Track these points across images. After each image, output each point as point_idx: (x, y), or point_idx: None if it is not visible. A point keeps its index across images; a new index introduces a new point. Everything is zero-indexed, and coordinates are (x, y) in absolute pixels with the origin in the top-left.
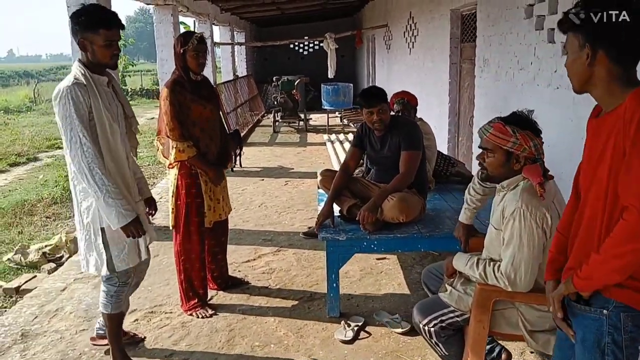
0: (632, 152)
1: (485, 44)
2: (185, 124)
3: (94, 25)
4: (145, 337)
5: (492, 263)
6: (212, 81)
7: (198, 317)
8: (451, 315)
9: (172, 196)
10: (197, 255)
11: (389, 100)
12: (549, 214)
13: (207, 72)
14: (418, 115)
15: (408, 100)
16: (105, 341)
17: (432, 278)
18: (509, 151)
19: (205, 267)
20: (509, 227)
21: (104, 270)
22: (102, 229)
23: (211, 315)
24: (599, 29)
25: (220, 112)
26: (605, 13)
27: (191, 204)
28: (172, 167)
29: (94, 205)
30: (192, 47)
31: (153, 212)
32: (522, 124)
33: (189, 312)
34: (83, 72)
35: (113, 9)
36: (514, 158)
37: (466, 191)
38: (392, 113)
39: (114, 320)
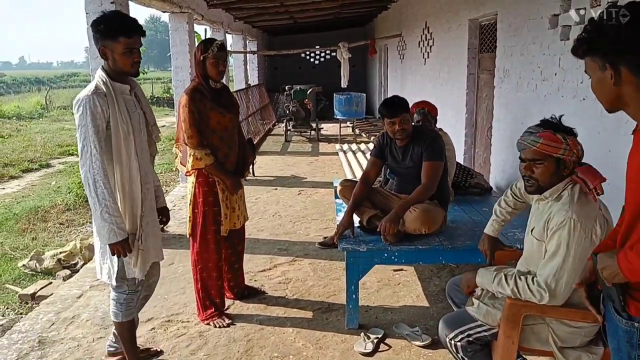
0: None
1: (505, 54)
2: (204, 132)
3: (114, 33)
4: (162, 351)
5: (523, 277)
6: None
7: (215, 327)
8: (479, 329)
9: (190, 204)
10: (214, 264)
11: (416, 108)
12: (598, 224)
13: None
14: (437, 125)
15: (429, 111)
16: (116, 358)
17: (457, 291)
18: (559, 158)
19: (222, 276)
20: (555, 237)
21: (114, 280)
22: None
23: (228, 325)
24: (613, 46)
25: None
26: (615, 29)
27: (208, 212)
28: (190, 175)
29: None
30: (212, 55)
31: (165, 220)
32: (562, 129)
33: (206, 322)
34: (104, 80)
35: None
36: (563, 164)
37: (496, 203)
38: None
39: (126, 327)
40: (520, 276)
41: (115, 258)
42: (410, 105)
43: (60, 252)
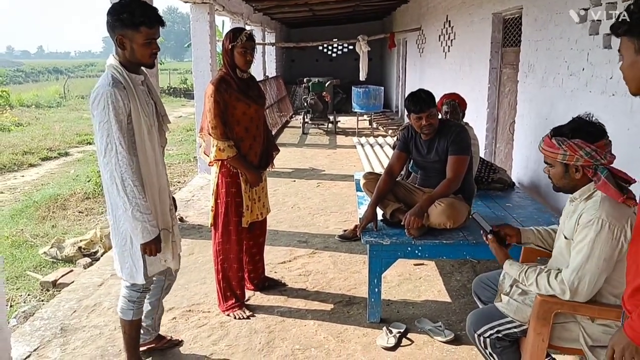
0: None
1: (531, 48)
2: (229, 123)
3: (136, 23)
4: (182, 341)
5: (545, 274)
6: None
7: (235, 318)
8: (508, 325)
9: (213, 194)
10: (235, 255)
11: (444, 100)
12: (629, 226)
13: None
14: (464, 120)
15: (459, 103)
16: (145, 347)
17: (483, 288)
18: (565, 163)
19: (243, 267)
20: (581, 235)
21: (141, 279)
22: None
23: (248, 317)
24: None
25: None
26: None
27: (231, 203)
28: (212, 165)
29: None
30: (240, 44)
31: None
32: (574, 131)
33: (226, 312)
34: (121, 72)
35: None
36: (572, 168)
37: None
38: (440, 115)
39: (135, 326)
40: (542, 273)
41: (139, 257)
42: (440, 97)
43: (81, 240)
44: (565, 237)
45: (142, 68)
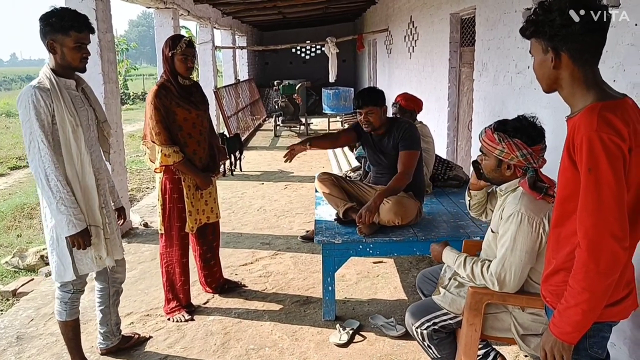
0: (587, 183)
1: (484, 47)
2: (172, 129)
3: (65, 27)
4: (151, 337)
5: (480, 263)
6: (213, 85)
7: (173, 321)
8: (444, 317)
9: (158, 200)
10: (177, 259)
11: (394, 101)
12: (547, 220)
13: (208, 76)
14: (418, 118)
15: (402, 105)
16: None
17: (426, 282)
18: (499, 158)
19: (187, 271)
20: (504, 229)
21: (70, 276)
22: None
23: (187, 320)
24: (558, 32)
25: (221, 117)
26: (561, 16)
27: (173, 208)
28: (158, 172)
29: None
30: (180, 51)
31: (122, 220)
32: (516, 131)
33: (167, 315)
34: (48, 75)
35: (116, 12)
36: (505, 164)
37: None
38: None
39: (70, 327)
40: (478, 262)
41: (67, 255)
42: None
43: (44, 249)
44: (492, 231)
45: (78, 74)
